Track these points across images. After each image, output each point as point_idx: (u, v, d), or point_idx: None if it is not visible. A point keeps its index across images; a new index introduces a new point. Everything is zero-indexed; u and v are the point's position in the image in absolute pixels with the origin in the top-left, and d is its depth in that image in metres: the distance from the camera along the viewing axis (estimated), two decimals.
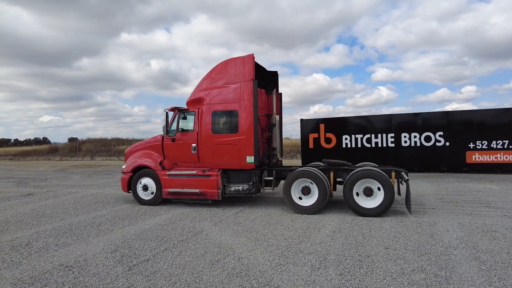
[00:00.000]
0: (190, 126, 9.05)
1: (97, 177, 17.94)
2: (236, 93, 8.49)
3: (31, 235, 6.54)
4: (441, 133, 15.30)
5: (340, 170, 8.21)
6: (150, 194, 9.30)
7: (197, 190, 8.73)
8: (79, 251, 5.48)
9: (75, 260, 5.06)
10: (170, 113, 9.22)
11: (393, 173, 7.61)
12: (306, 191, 7.93)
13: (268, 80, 9.88)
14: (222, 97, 8.66)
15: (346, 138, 16.88)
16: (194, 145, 8.87)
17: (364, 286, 4.00)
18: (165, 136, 9.20)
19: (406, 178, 7.55)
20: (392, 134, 16.10)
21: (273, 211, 8.16)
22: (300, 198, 7.97)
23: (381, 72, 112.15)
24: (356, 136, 16.70)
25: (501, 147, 14.47)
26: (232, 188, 8.60)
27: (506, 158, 14.42)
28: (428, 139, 15.52)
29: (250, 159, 8.31)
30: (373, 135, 16.42)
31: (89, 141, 47.98)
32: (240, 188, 8.55)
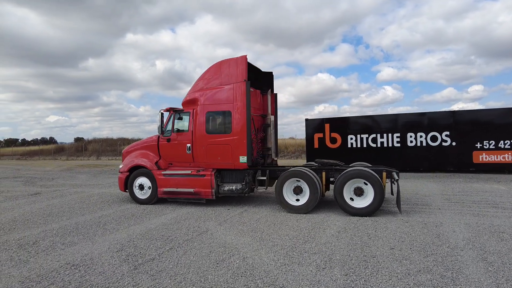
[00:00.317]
0: (185, 127, 9.18)
1: (103, 177, 18.07)
2: (229, 94, 8.61)
3: (38, 234, 6.61)
4: (448, 133, 15.16)
5: (332, 170, 8.28)
6: (146, 194, 9.42)
7: (192, 190, 8.84)
8: (85, 250, 5.53)
9: (82, 259, 5.11)
10: (166, 114, 9.36)
11: (384, 173, 7.68)
12: (298, 191, 8.02)
13: (263, 81, 10.01)
14: (216, 98, 8.79)
15: (352, 138, 16.80)
16: (189, 145, 8.99)
17: (370, 287, 3.98)
18: (161, 136, 9.35)
19: (396, 179, 7.62)
20: (398, 134, 15.99)
21: (278, 211, 8.15)
22: (295, 199, 8.04)
23: (387, 72, 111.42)
24: (362, 136, 16.62)
25: (509, 147, 14.29)
26: (226, 188, 8.70)
27: None
28: (434, 139, 15.39)
29: (243, 159, 8.41)
30: (379, 135, 16.33)
31: (95, 141, 48.35)
32: (234, 188, 8.65)
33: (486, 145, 14.60)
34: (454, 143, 15.06)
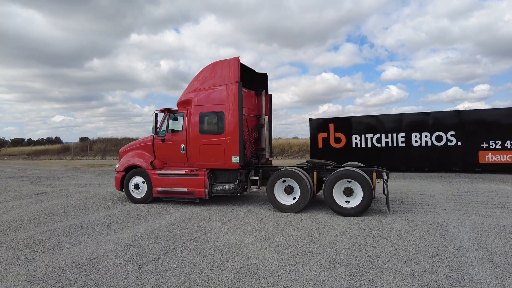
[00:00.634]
0: (180, 127, 9.30)
1: (108, 176, 18.17)
2: (222, 95, 8.71)
3: (44, 233, 6.67)
4: (453, 133, 15.05)
5: (323, 170, 8.32)
6: (141, 193, 9.55)
7: (185, 189, 8.95)
8: (91, 249, 5.57)
9: (87, 258, 5.15)
10: (161, 115, 9.51)
11: (374, 174, 7.72)
12: (289, 191, 8.09)
13: (258, 82, 10.14)
14: (209, 99, 8.90)
15: (356, 138, 16.75)
16: (183, 146, 9.11)
17: (374, 287, 3.97)
18: (156, 137, 9.48)
19: (385, 179, 7.66)
20: (403, 134, 15.92)
21: (282, 212, 8.14)
22: (286, 198, 8.13)
23: (391, 71, 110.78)
24: (366, 136, 16.56)
25: None
26: (219, 187, 8.81)
27: None
28: (440, 139, 15.29)
29: (236, 159, 8.51)
30: (383, 135, 16.27)
31: (100, 141, 48.61)
32: (227, 187, 8.75)
33: (492, 145, 14.48)
34: (460, 143, 14.95)
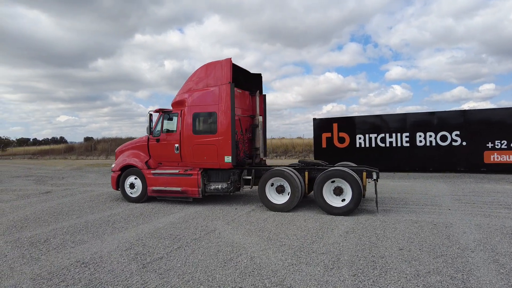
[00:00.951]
0: (174, 127, 9.39)
1: None
2: (215, 96, 8.79)
3: (49, 232, 6.71)
4: (458, 133, 14.94)
5: (315, 170, 8.36)
6: (137, 192, 9.67)
7: (179, 189, 9.06)
8: (95, 248, 5.60)
9: (91, 257, 5.17)
10: (156, 115, 9.66)
11: (364, 173, 7.79)
12: (280, 190, 8.18)
13: (253, 83, 10.25)
14: (202, 100, 8.99)
15: (360, 138, 16.69)
16: (177, 145, 9.20)
17: (378, 287, 3.95)
18: (151, 137, 9.60)
19: (374, 178, 7.74)
20: (407, 134, 15.83)
21: (286, 211, 8.13)
22: (274, 196, 8.24)
23: (395, 71, 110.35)
24: (370, 136, 16.49)
25: None
26: (212, 187, 8.91)
27: None
28: (444, 139, 15.19)
29: (228, 159, 8.59)
30: (387, 135, 16.19)
31: (104, 141, 48.85)
32: (220, 187, 8.84)
33: (498, 145, 14.35)
34: (465, 143, 14.84)
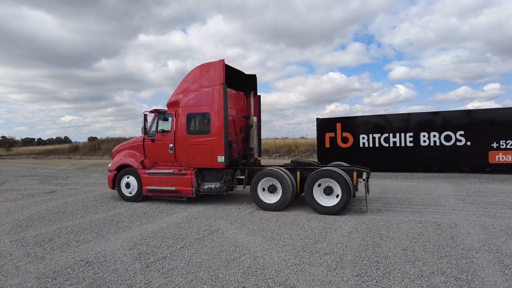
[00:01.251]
0: (169, 127, 9.49)
1: None
2: (208, 97, 8.88)
3: (54, 231, 6.76)
4: (462, 132, 14.85)
5: (306, 170, 8.43)
6: (132, 191, 9.81)
7: (173, 188, 9.17)
8: (99, 248, 5.63)
9: (95, 256, 5.20)
10: (152, 115, 9.75)
11: (355, 173, 7.91)
12: (272, 190, 8.29)
13: (247, 83, 10.37)
14: (196, 100, 9.10)
15: (364, 138, 16.63)
16: (171, 146, 9.31)
17: None
18: (146, 137, 9.70)
19: (363, 178, 7.80)
20: (411, 134, 15.75)
21: (289, 211, 8.13)
22: (266, 195, 8.33)
23: (399, 70, 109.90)
24: (374, 136, 16.43)
25: None
26: (206, 186, 8.99)
27: None
28: (448, 139, 15.10)
29: (221, 159, 8.68)
30: (391, 135, 16.12)
31: (108, 141, 49.06)
32: (213, 186, 8.92)
33: (503, 145, 14.24)
34: (469, 143, 14.74)
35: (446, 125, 15.18)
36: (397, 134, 15.99)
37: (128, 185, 9.83)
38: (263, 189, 8.37)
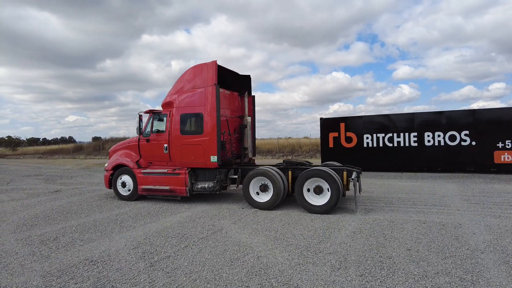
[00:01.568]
0: (163, 128, 9.60)
1: None
2: (201, 97, 8.98)
3: (59, 230, 6.81)
4: (467, 132, 14.75)
5: (298, 169, 8.49)
6: (128, 191, 9.95)
7: (168, 187, 9.29)
8: (103, 247, 5.66)
9: (99, 255, 5.23)
10: (146, 115, 9.88)
11: (345, 173, 8.00)
12: (263, 189, 8.36)
13: (242, 84, 10.45)
14: (189, 101, 9.20)
15: (367, 137, 16.57)
16: (166, 145, 9.43)
17: None
18: (141, 137, 9.82)
19: (352, 178, 7.86)
20: (415, 133, 15.66)
21: (292, 211, 8.13)
22: (258, 194, 8.43)
23: (403, 70, 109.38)
24: (378, 135, 16.36)
25: None
26: (199, 186, 9.09)
27: None
28: (453, 138, 15.00)
29: (214, 159, 8.78)
30: (395, 134, 16.05)
31: (112, 140, 49.23)
32: (206, 186, 9.02)
33: (509, 145, 14.12)
34: (474, 143, 14.64)
35: (451, 125, 15.09)
36: (401, 134, 15.92)
37: (124, 184, 9.98)
38: (255, 189, 8.47)
